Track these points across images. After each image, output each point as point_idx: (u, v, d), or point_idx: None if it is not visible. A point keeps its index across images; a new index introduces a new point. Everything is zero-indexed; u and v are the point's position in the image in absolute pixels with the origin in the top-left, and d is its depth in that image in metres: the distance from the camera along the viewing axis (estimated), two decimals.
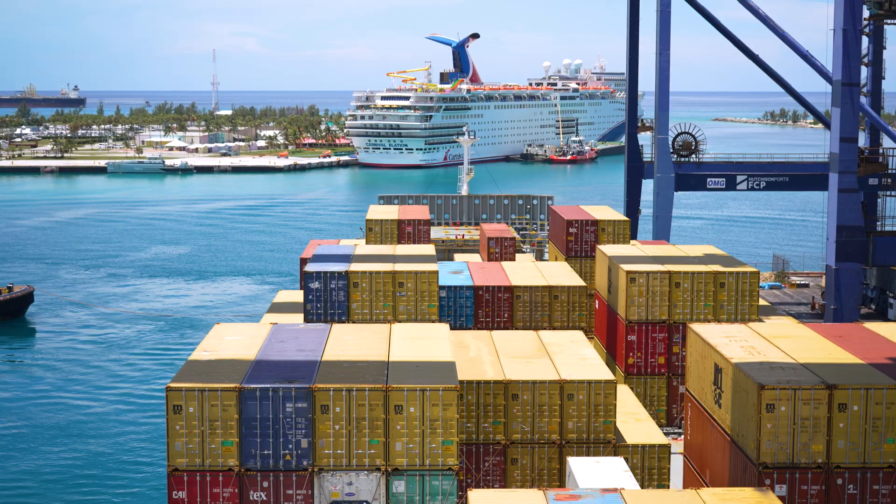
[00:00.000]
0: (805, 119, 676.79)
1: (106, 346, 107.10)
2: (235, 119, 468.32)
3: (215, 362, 31.49)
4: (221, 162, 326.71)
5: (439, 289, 45.63)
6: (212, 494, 29.19)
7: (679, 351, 44.99)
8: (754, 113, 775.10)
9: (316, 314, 44.52)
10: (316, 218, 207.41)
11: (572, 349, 38.49)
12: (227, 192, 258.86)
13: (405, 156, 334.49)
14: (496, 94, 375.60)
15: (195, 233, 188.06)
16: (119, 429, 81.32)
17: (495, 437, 34.59)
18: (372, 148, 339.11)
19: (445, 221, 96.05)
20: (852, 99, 71.01)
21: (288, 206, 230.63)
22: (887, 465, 29.04)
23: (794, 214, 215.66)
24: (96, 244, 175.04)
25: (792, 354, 31.89)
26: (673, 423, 45.12)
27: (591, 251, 61.32)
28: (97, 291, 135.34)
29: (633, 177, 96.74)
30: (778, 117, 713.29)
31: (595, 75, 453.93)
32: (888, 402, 28.88)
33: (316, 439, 29.08)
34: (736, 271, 45.65)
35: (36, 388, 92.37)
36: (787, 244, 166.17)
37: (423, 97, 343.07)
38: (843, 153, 71.25)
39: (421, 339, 34.35)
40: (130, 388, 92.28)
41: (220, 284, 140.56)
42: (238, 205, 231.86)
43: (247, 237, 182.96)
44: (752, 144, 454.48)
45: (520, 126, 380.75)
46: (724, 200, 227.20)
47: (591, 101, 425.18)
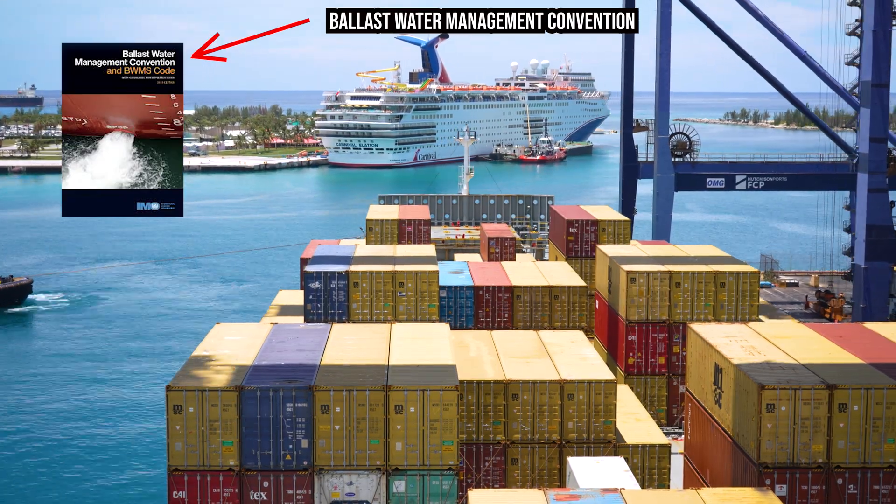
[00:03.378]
0: (765, 119, 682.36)
1: (105, 346, 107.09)
2: (201, 119, 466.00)
3: (215, 362, 31.50)
4: (191, 162, 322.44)
5: (439, 289, 45.62)
6: (212, 494, 29.20)
7: (679, 351, 44.99)
8: (715, 113, 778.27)
9: (316, 314, 44.52)
10: (316, 218, 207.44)
11: (572, 349, 38.49)
12: (200, 191, 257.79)
13: (375, 156, 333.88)
14: (465, 94, 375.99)
15: (192, 233, 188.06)
16: (119, 429, 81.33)
17: (495, 437, 34.59)
18: (342, 148, 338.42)
19: (445, 221, 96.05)
20: (882, 100, 71.18)
21: (267, 205, 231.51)
22: (887, 465, 29.05)
23: (779, 214, 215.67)
24: (90, 242, 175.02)
25: (792, 354, 31.89)
26: (673, 423, 45.12)
27: (592, 251, 61.30)
28: (96, 289, 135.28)
29: (628, 177, 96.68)
30: (739, 117, 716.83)
31: (562, 75, 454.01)
32: (888, 402, 28.89)
33: (316, 439, 29.09)
34: (736, 271, 45.66)
35: (34, 388, 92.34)
36: (773, 244, 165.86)
37: (394, 97, 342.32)
38: (872, 153, 71.47)
39: (421, 339, 34.36)
40: (130, 387, 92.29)
41: (220, 284, 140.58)
42: (213, 203, 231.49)
43: (247, 237, 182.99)
44: (727, 145, 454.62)
45: (488, 126, 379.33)
46: (706, 201, 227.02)
47: (559, 101, 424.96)
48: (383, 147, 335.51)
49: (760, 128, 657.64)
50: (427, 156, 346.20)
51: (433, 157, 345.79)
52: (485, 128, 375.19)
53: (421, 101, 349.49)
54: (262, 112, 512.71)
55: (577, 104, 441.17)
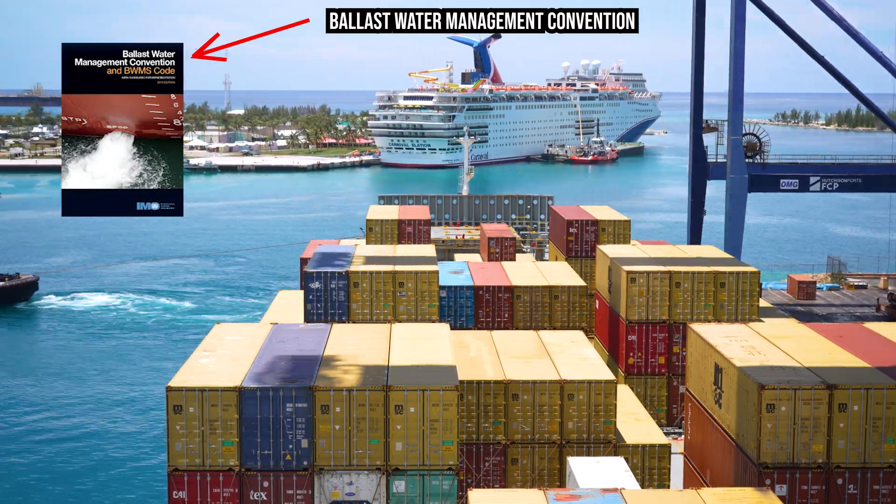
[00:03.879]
0: (816, 120, 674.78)
1: (105, 346, 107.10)
2: (252, 118, 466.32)
3: (215, 362, 31.53)
4: (244, 161, 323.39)
5: (439, 289, 45.61)
6: (212, 494, 29.22)
7: (679, 351, 44.99)
8: (762, 114, 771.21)
9: (316, 314, 44.51)
10: (316, 218, 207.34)
11: (572, 349, 38.50)
12: (256, 190, 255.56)
13: (428, 156, 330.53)
14: (517, 95, 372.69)
15: (197, 232, 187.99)
16: (119, 429, 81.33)
17: (495, 437, 34.60)
18: (394, 148, 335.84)
19: (445, 221, 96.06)
20: None
21: (304, 206, 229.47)
22: (887, 465, 29.05)
23: (842, 216, 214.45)
24: (97, 241, 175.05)
25: (792, 354, 31.90)
26: (673, 423, 45.12)
27: (592, 251, 61.30)
28: (99, 288, 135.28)
29: (698, 178, 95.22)
30: (789, 118, 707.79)
31: (613, 76, 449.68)
32: (888, 402, 28.90)
33: (316, 439, 29.11)
34: (736, 271, 45.66)
35: (35, 386, 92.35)
36: (840, 246, 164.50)
37: (447, 97, 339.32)
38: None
39: (421, 339, 34.37)
40: (130, 387, 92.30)
41: (220, 284, 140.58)
42: (266, 203, 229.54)
43: (247, 237, 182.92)
44: (786, 147, 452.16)
45: (540, 126, 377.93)
46: (760, 204, 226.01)
47: (610, 101, 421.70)
48: (436, 147, 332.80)
49: (811, 128, 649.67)
50: (479, 156, 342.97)
51: (485, 158, 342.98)
52: (536, 128, 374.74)
53: (473, 102, 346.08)
54: (311, 112, 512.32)
55: (629, 105, 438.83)
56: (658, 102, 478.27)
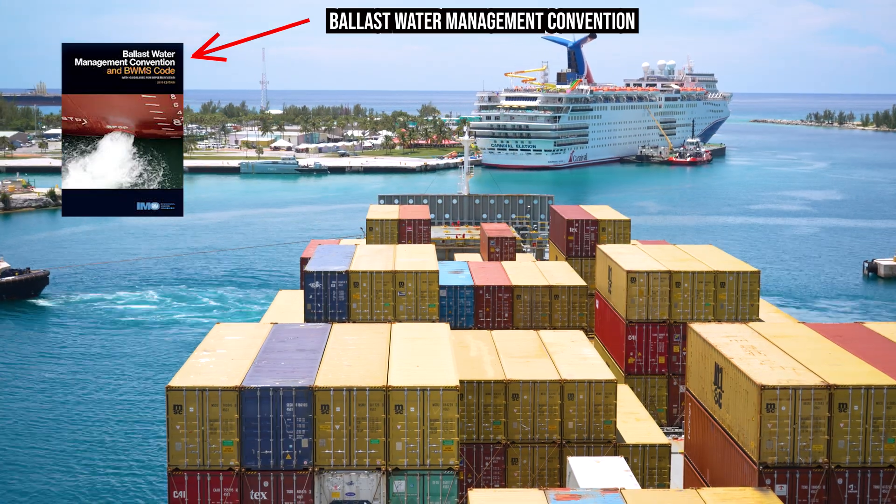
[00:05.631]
0: (851, 121, 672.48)
1: (105, 345, 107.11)
2: (296, 117, 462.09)
3: (215, 362, 31.53)
4: (352, 163, 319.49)
5: (439, 288, 45.64)
6: (212, 494, 29.23)
7: (679, 351, 45.00)
8: (795, 115, 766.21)
9: (316, 314, 44.52)
10: (316, 218, 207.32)
11: (573, 349, 38.52)
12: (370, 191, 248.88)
13: (532, 157, 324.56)
14: (612, 95, 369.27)
15: (211, 233, 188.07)
16: (119, 428, 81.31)
17: (496, 436, 34.61)
18: (497, 149, 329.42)
19: (446, 221, 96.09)
20: None
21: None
22: (888, 465, 29.06)
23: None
24: (105, 237, 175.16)
25: (792, 354, 31.90)
26: (673, 423, 45.13)
27: (592, 251, 61.35)
28: (103, 286, 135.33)
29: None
30: (822, 119, 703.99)
31: (689, 76, 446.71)
32: (888, 402, 28.90)
33: (316, 439, 29.11)
34: (736, 271, 45.67)
35: (34, 388, 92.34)
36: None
37: (552, 98, 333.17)
38: None
39: (421, 338, 34.37)
40: (130, 387, 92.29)
41: (220, 284, 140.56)
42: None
43: (246, 237, 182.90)
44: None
45: (631, 127, 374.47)
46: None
47: (688, 102, 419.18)
48: (541, 148, 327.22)
49: (846, 129, 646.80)
50: (580, 157, 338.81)
51: (585, 159, 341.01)
52: (628, 129, 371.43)
53: (576, 102, 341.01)
54: (344, 112, 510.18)
55: (704, 105, 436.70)
56: (729, 103, 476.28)
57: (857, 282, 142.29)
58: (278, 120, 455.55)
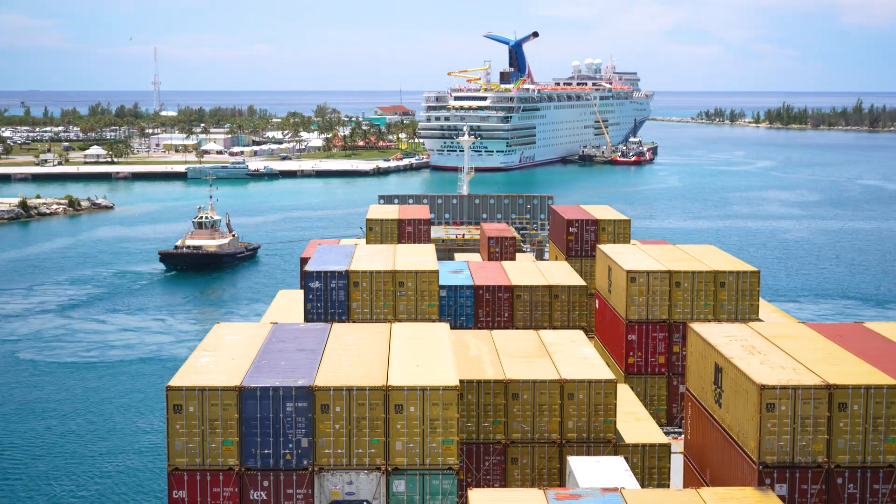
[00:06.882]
0: (742, 118, 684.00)
1: (105, 345, 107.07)
2: (189, 119, 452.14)
3: (215, 362, 31.51)
4: (303, 166, 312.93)
5: (439, 288, 45.64)
6: (212, 494, 29.20)
7: (679, 350, 45.01)
8: (687, 112, 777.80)
9: (316, 314, 44.52)
10: (316, 218, 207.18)
11: (572, 349, 38.52)
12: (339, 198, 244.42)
13: (484, 158, 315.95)
14: (555, 95, 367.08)
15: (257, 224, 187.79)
16: (119, 428, 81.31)
17: (495, 436, 34.61)
18: (447, 150, 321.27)
19: (446, 221, 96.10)
20: None
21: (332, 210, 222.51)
22: (887, 465, 29.05)
23: None
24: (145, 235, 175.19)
25: (792, 354, 31.89)
26: (673, 423, 45.13)
27: (592, 251, 61.36)
28: (103, 285, 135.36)
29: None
30: (714, 116, 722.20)
31: (616, 75, 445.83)
32: (888, 402, 28.90)
33: (316, 439, 29.09)
34: (736, 271, 45.66)
35: (34, 388, 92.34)
36: None
37: (502, 97, 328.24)
38: None
39: (421, 338, 34.36)
40: (130, 387, 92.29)
41: (220, 284, 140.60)
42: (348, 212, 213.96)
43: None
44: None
45: (571, 127, 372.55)
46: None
47: (617, 101, 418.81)
48: (493, 149, 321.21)
49: (738, 126, 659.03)
50: (528, 157, 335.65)
51: (533, 159, 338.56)
52: (569, 129, 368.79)
53: (526, 102, 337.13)
54: (238, 112, 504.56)
55: (631, 104, 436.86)
56: (650, 101, 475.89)
57: (856, 281, 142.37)
58: (174, 122, 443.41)
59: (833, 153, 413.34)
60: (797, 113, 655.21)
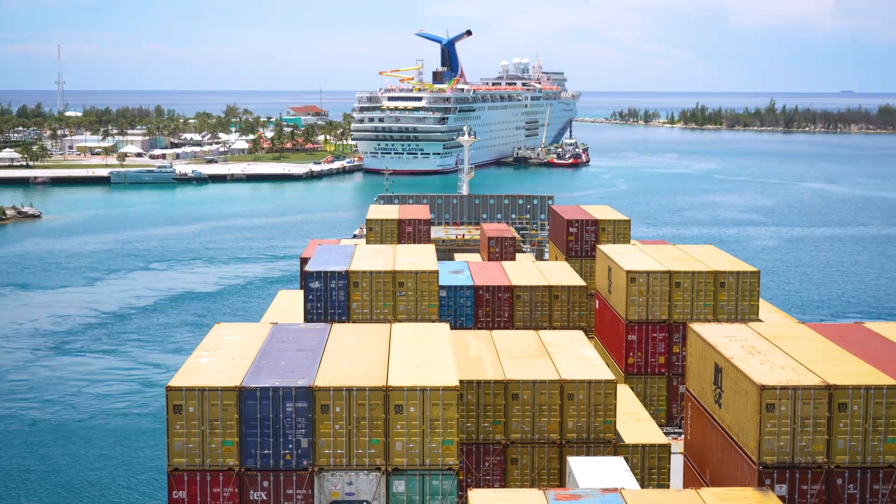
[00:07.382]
0: (656, 119, 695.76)
1: (105, 346, 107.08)
2: (92, 121, 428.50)
3: (215, 362, 31.51)
4: (233, 170, 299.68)
5: (439, 288, 45.65)
6: (212, 494, 29.21)
7: (679, 351, 45.01)
8: (598, 113, 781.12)
9: (316, 314, 44.52)
10: (316, 218, 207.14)
11: (572, 349, 38.52)
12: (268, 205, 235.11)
13: (420, 161, 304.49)
14: (489, 95, 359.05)
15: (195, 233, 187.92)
16: (119, 428, 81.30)
17: (495, 436, 34.61)
18: (381, 152, 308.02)
19: (445, 221, 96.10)
20: None
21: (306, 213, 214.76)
22: (887, 465, 29.05)
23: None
24: (102, 244, 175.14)
25: (792, 354, 31.89)
26: (673, 423, 45.13)
27: (592, 251, 61.36)
28: (98, 289, 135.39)
29: None
30: (627, 117, 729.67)
31: (544, 74, 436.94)
32: (888, 402, 28.89)
33: (316, 439, 29.09)
34: (736, 271, 45.66)
35: (34, 389, 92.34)
36: None
37: (438, 97, 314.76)
38: None
39: (421, 338, 34.37)
40: (130, 387, 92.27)
41: (220, 284, 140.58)
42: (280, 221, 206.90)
43: (246, 237, 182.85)
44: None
45: (504, 128, 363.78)
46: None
47: (546, 101, 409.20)
48: (429, 151, 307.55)
49: (652, 127, 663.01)
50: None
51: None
52: (502, 130, 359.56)
53: (463, 102, 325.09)
54: (144, 113, 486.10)
55: (559, 104, 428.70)
56: (578, 102, 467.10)
57: (853, 285, 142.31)
58: (80, 123, 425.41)
59: (765, 157, 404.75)
60: (712, 114, 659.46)
